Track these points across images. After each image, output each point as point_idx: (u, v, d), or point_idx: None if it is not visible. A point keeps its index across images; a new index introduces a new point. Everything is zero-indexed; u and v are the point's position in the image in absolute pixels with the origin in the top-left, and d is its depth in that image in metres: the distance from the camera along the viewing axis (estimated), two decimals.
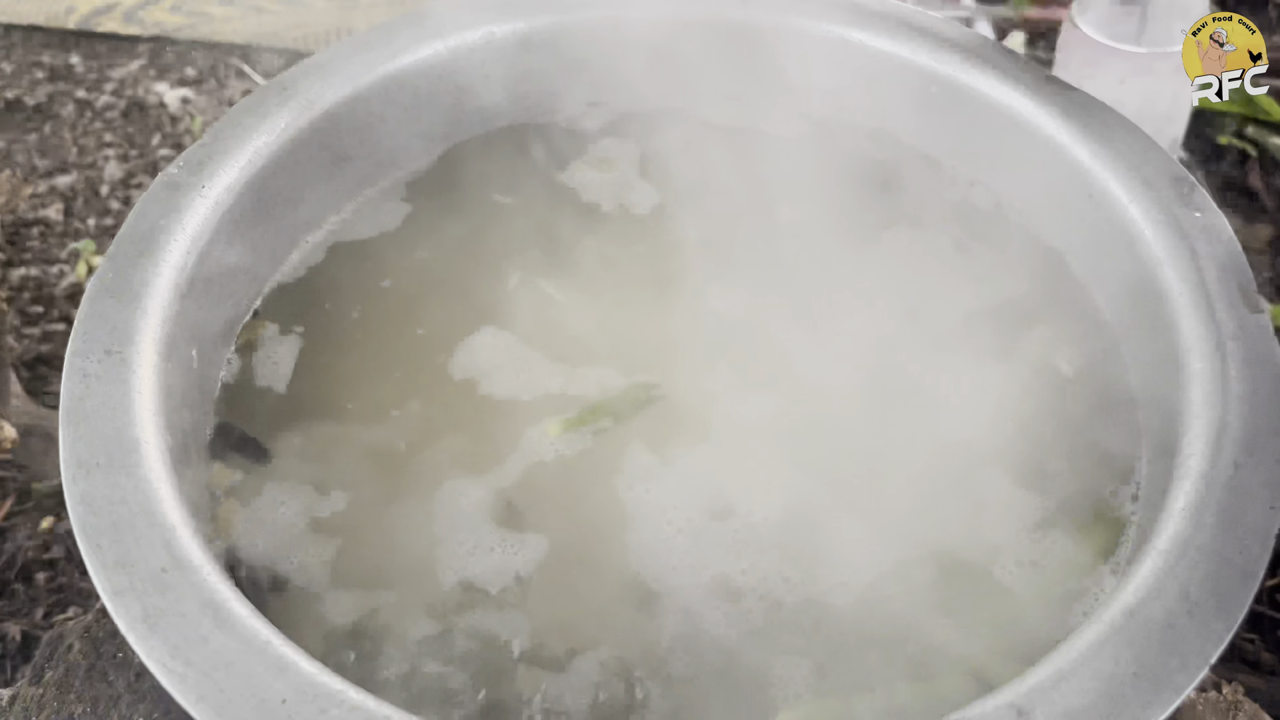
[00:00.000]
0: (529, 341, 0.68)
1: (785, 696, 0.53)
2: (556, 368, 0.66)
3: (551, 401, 0.65)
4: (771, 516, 0.60)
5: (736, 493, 0.61)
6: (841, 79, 0.78)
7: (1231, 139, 1.08)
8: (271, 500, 0.61)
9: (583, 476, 0.62)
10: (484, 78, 0.77)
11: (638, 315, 0.69)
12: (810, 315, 0.69)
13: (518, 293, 0.71)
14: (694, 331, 0.69)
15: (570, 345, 0.68)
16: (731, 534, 0.59)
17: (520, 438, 0.63)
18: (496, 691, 0.54)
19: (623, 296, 0.70)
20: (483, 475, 0.62)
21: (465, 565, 0.58)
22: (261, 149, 0.67)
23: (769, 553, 0.58)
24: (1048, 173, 0.70)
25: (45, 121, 1.23)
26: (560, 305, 0.70)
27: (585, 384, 0.66)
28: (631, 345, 0.67)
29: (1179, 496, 0.52)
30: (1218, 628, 0.48)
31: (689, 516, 0.60)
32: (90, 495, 0.51)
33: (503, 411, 0.65)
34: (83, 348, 0.57)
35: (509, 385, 0.66)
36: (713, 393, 0.65)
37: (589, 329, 0.69)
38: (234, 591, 0.48)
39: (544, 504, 0.61)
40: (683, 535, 0.59)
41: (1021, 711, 0.45)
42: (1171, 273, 0.62)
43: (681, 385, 0.66)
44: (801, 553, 0.58)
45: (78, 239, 1.11)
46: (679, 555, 0.58)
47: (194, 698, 0.45)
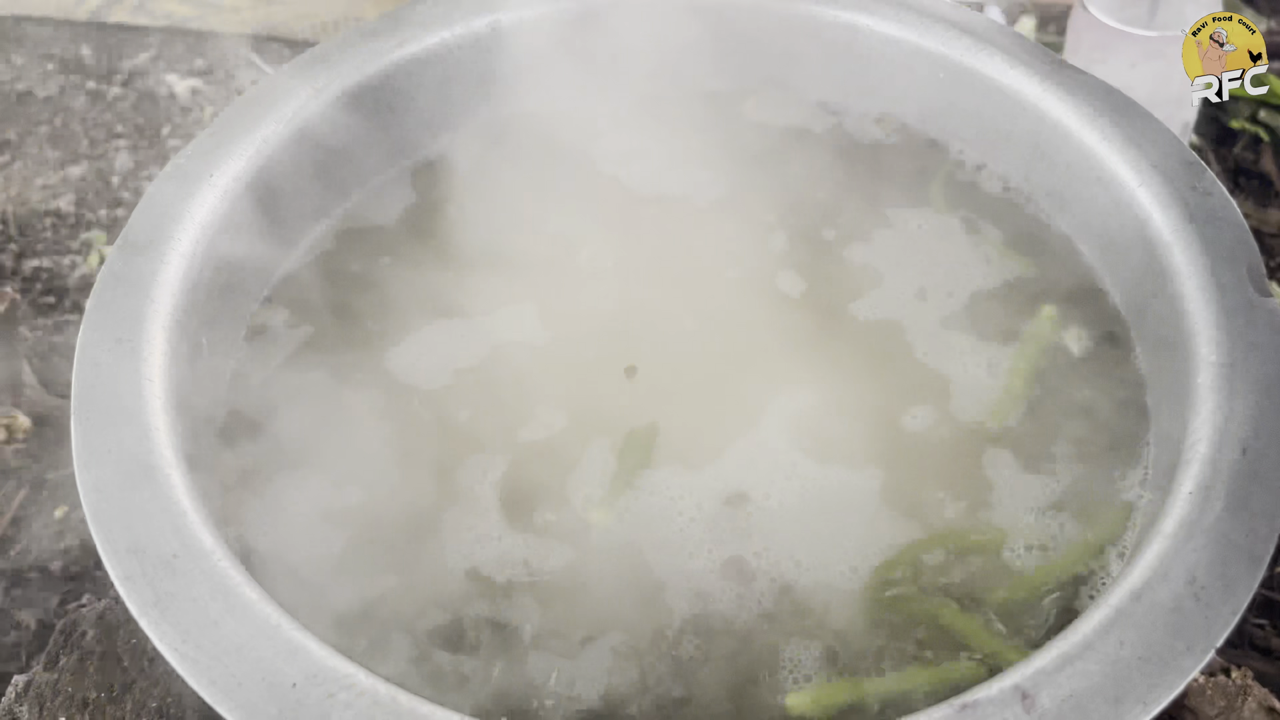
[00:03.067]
0: (545, 323, 0.68)
1: (794, 678, 0.54)
2: (570, 349, 0.67)
3: (569, 390, 0.65)
4: (786, 502, 0.60)
5: (750, 478, 0.61)
6: (849, 64, 0.77)
7: (1244, 123, 1.08)
8: (282, 488, 0.61)
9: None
10: (490, 66, 0.77)
11: (646, 299, 0.70)
12: (817, 298, 0.69)
13: (532, 278, 0.71)
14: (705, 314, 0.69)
15: (586, 325, 0.68)
16: (745, 519, 0.59)
17: (528, 422, 0.63)
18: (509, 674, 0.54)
19: (631, 280, 0.71)
20: (494, 460, 0.62)
21: (472, 552, 0.58)
22: (270, 137, 0.68)
23: (781, 537, 0.59)
24: (1057, 157, 0.70)
25: (56, 113, 1.23)
26: (579, 286, 0.70)
27: (595, 366, 0.66)
28: (648, 329, 0.68)
29: (1186, 480, 0.52)
30: (1224, 611, 0.48)
31: (700, 504, 0.60)
32: (102, 482, 0.51)
33: (513, 397, 0.65)
34: (94, 337, 0.57)
35: (521, 370, 0.66)
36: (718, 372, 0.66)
37: (609, 309, 0.69)
38: (244, 576, 0.49)
39: (552, 485, 0.61)
40: (696, 523, 0.59)
41: (1026, 694, 0.45)
42: (1180, 256, 0.61)
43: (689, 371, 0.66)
44: (812, 537, 0.59)
45: (89, 230, 1.11)
46: (695, 543, 0.59)
47: (205, 681, 0.45)
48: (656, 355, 0.66)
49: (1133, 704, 0.45)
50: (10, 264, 1.08)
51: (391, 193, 0.75)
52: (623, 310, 0.69)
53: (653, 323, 0.68)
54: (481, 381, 0.66)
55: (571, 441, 0.63)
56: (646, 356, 0.66)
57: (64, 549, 0.89)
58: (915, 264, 0.71)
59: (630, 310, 0.69)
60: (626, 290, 0.70)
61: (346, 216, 0.74)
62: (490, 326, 0.68)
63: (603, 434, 0.63)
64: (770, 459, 0.62)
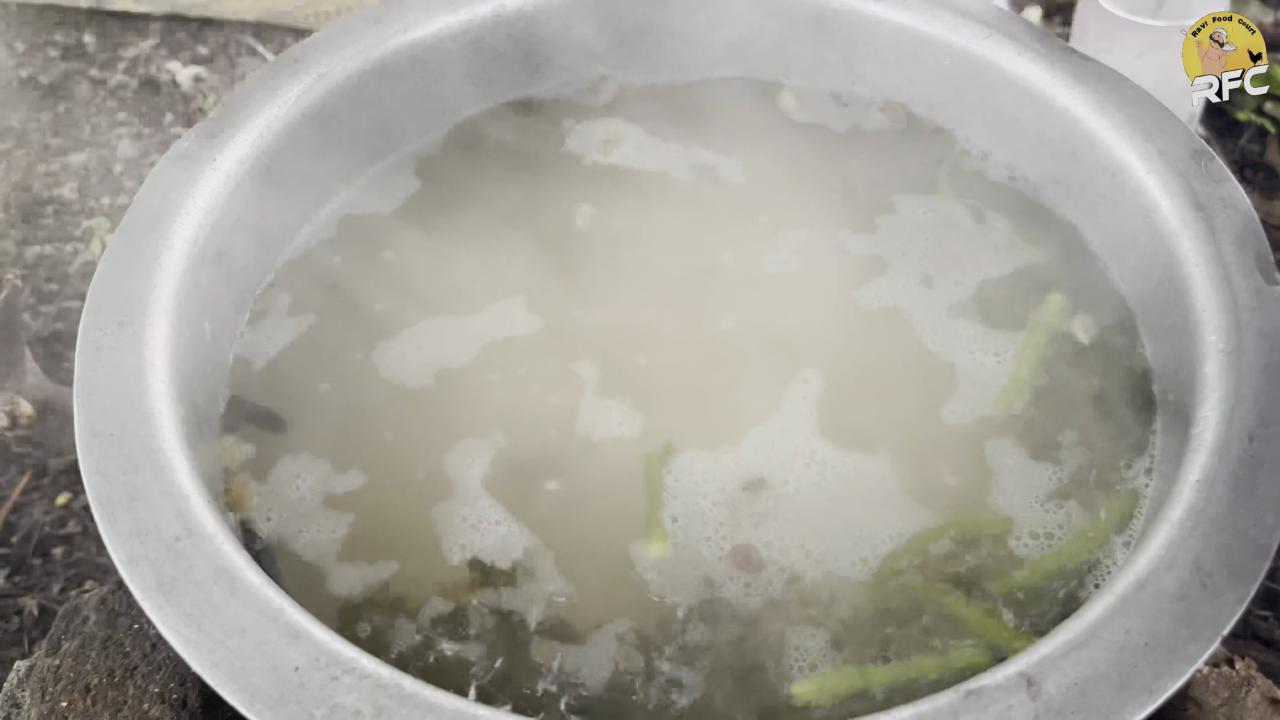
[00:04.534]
0: (543, 312, 0.68)
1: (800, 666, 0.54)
2: (576, 337, 0.67)
3: (571, 374, 0.65)
4: (799, 489, 0.60)
5: (755, 466, 0.61)
6: (856, 51, 0.77)
7: (1251, 115, 1.07)
8: (285, 474, 0.61)
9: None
10: (494, 51, 0.77)
11: (660, 283, 0.70)
12: (822, 286, 0.69)
13: (533, 266, 0.70)
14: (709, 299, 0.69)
15: (587, 310, 0.68)
16: (761, 505, 0.59)
17: (539, 407, 0.63)
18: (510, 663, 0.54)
19: (640, 265, 0.70)
20: (496, 447, 0.62)
21: (471, 540, 0.58)
22: (273, 122, 0.67)
23: (790, 524, 0.58)
24: (1064, 144, 0.70)
25: (59, 100, 1.23)
26: (576, 281, 0.70)
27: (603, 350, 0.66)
28: (662, 316, 0.68)
29: (1193, 468, 0.52)
30: (1230, 599, 0.47)
31: (722, 488, 0.60)
32: (104, 465, 0.51)
33: (520, 385, 0.65)
34: (96, 319, 0.57)
35: (527, 357, 0.66)
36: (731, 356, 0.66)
37: (615, 299, 0.69)
38: (247, 560, 0.49)
39: (564, 467, 0.61)
40: (718, 507, 0.59)
41: (1032, 681, 0.45)
42: (1188, 244, 0.61)
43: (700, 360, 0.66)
44: (820, 524, 0.58)
45: (91, 217, 1.11)
46: (713, 526, 0.59)
47: (208, 664, 0.45)
48: (660, 352, 0.66)
49: (1138, 691, 0.45)
50: (12, 251, 1.08)
51: (395, 179, 0.75)
52: (630, 300, 0.69)
53: (658, 315, 0.68)
54: (483, 369, 0.66)
55: (589, 413, 0.63)
56: (657, 348, 0.66)
57: (66, 535, 0.89)
58: (922, 251, 0.71)
59: (637, 300, 0.69)
60: (633, 280, 0.70)
61: (350, 202, 0.74)
62: (491, 321, 0.68)
63: (629, 395, 0.63)
64: (773, 448, 0.62)
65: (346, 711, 0.44)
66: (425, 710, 0.44)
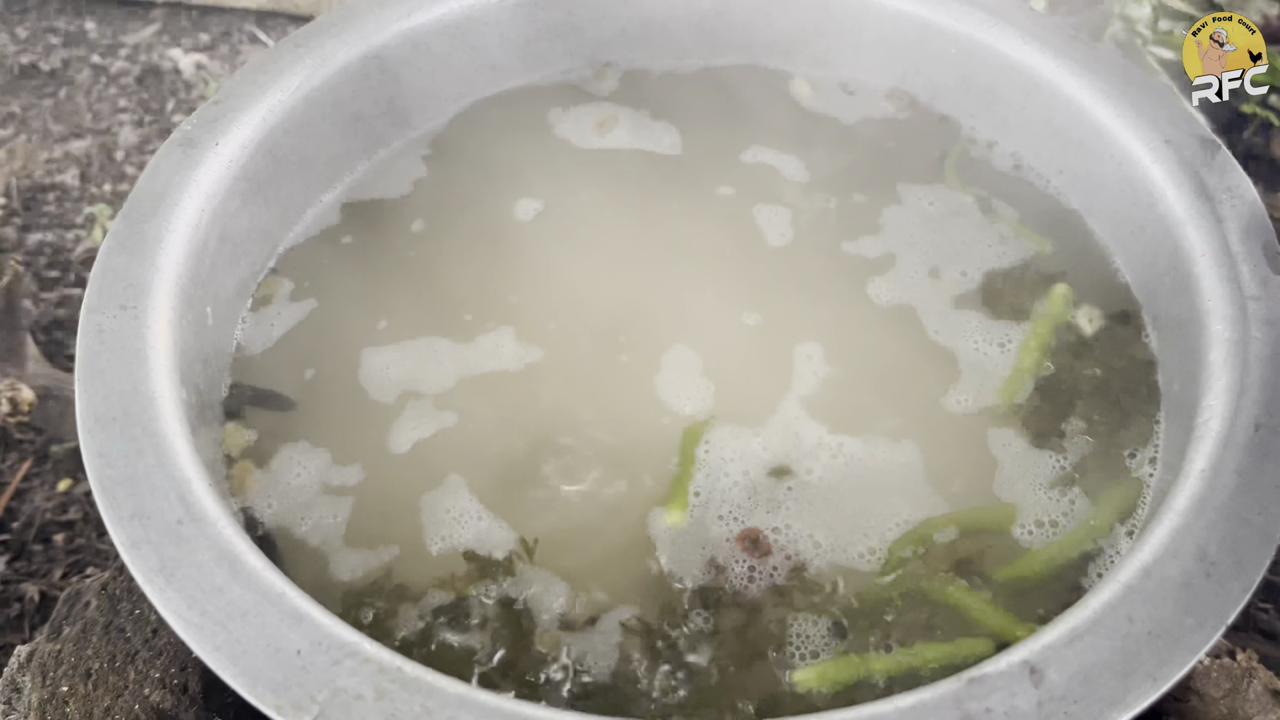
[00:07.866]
0: (548, 296, 0.68)
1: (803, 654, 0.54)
2: (581, 324, 0.67)
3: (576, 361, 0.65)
4: (815, 479, 0.60)
5: (759, 452, 0.61)
6: (859, 38, 0.77)
7: (1255, 108, 1.07)
8: (286, 461, 0.61)
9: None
10: (499, 36, 0.76)
11: (666, 267, 0.70)
12: (828, 278, 0.69)
13: (537, 252, 0.70)
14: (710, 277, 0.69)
15: (588, 300, 0.68)
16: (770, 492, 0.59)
17: (541, 400, 0.63)
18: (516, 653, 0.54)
19: (647, 249, 0.71)
20: (500, 437, 0.62)
21: (453, 533, 0.58)
22: (275, 107, 0.67)
23: (794, 511, 0.58)
24: (1070, 133, 0.69)
25: (60, 87, 1.23)
26: (591, 266, 0.70)
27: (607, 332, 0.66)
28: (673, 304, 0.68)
29: (1198, 458, 0.52)
30: (1235, 588, 0.47)
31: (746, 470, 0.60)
32: (106, 449, 0.51)
33: (524, 376, 0.65)
34: (97, 303, 0.56)
35: (530, 345, 0.66)
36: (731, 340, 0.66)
37: (616, 285, 0.69)
38: (249, 544, 0.49)
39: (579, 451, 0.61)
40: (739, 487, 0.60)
41: (1035, 669, 0.45)
42: (1194, 233, 0.61)
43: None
44: (824, 512, 0.58)
45: (93, 204, 1.11)
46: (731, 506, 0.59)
47: (209, 647, 0.45)
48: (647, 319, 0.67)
49: (1142, 679, 0.44)
50: (14, 237, 1.08)
51: (398, 165, 0.75)
52: (638, 288, 0.69)
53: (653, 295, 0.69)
54: (485, 361, 0.65)
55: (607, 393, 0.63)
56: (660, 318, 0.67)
57: (67, 521, 0.88)
58: (928, 241, 0.70)
59: (646, 286, 0.69)
60: (640, 267, 0.70)
61: (353, 187, 0.73)
62: (495, 314, 0.68)
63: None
64: (779, 434, 0.61)
65: (348, 695, 0.43)
66: (427, 694, 0.44)
